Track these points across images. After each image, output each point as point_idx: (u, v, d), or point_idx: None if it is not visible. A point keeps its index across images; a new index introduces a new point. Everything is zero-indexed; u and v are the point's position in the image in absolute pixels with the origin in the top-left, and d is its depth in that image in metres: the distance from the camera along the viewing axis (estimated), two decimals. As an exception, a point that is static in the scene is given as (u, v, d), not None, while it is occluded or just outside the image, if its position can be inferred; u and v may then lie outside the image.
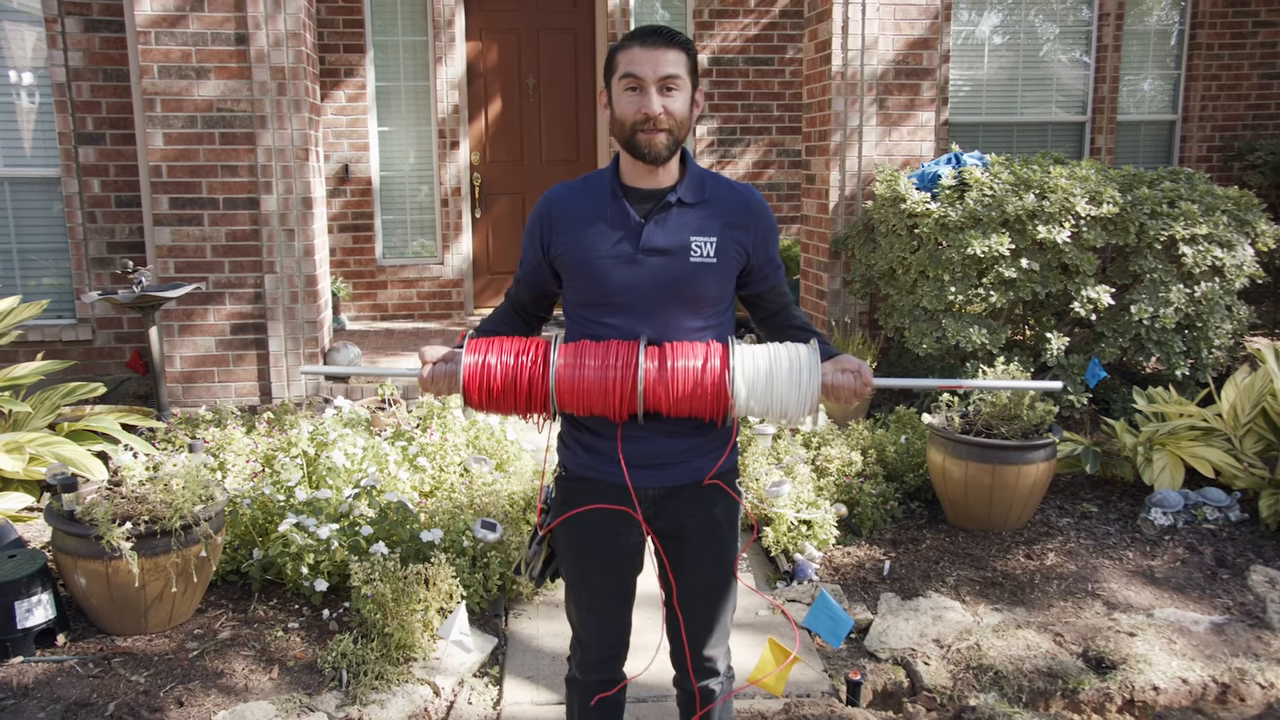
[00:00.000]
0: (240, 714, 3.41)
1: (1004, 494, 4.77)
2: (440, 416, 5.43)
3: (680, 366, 2.26)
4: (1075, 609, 4.20)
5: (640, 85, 2.33)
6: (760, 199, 2.52)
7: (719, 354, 2.28)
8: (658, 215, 2.38)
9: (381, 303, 9.02)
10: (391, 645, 3.69)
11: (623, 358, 2.27)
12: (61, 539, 3.74)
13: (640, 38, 2.35)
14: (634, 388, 2.24)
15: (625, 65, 2.35)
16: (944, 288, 5.72)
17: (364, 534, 4.11)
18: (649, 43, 2.34)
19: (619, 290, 2.37)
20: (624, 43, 2.38)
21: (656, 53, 2.33)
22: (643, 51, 2.33)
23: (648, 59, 2.33)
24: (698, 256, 2.37)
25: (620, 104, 2.37)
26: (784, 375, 2.24)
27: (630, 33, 2.40)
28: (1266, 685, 3.67)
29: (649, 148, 2.34)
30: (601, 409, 2.29)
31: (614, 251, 2.37)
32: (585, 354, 2.29)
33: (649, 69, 2.32)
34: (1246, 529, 4.87)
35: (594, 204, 2.43)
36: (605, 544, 2.51)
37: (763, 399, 2.25)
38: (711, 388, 2.25)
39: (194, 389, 6.46)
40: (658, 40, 2.34)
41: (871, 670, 3.79)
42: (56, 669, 3.61)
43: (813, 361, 2.27)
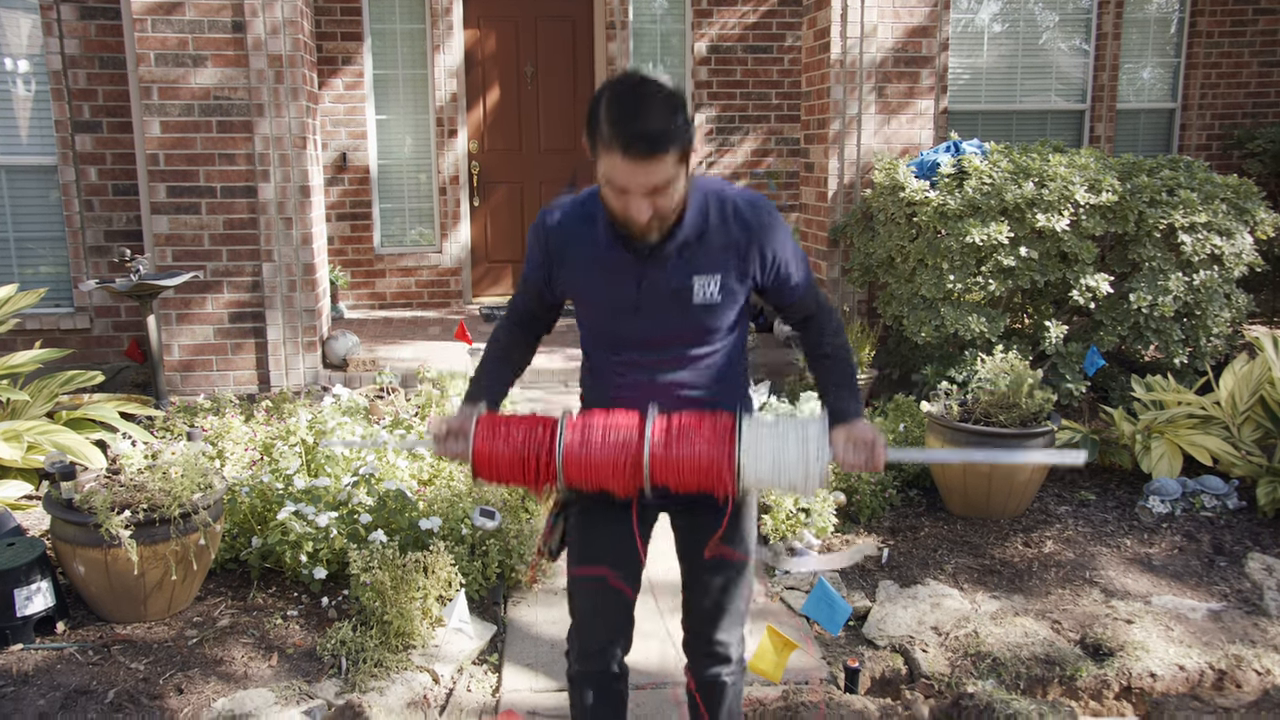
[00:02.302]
0: (240, 701, 3.42)
1: (1002, 482, 4.77)
2: (439, 404, 5.43)
3: (686, 450, 2.24)
4: (1073, 596, 4.21)
5: (625, 192, 2.09)
6: (765, 215, 2.31)
7: (726, 434, 2.24)
8: (658, 257, 2.26)
9: (380, 291, 9.01)
10: (390, 633, 3.69)
11: (629, 440, 2.25)
12: (60, 527, 3.74)
13: (623, 146, 2.01)
14: (640, 469, 2.24)
15: (607, 169, 2.07)
16: (943, 276, 5.72)
17: (363, 522, 4.12)
18: (632, 154, 2.01)
19: (623, 335, 2.38)
20: (605, 138, 2.04)
21: (641, 166, 2.03)
22: (625, 164, 2.03)
23: (630, 173, 2.04)
24: (701, 299, 2.29)
25: (605, 194, 2.15)
26: (792, 457, 2.22)
27: (612, 123, 2.02)
28: (1263, 672, 3.68)
29: (640, 238, 2.21)
30: (609, 488, 2.30)
31: (616, 298, 2.32)
32: (591, 433, 2.27)
33: (634, 183, 2.06)
34: (1244, 517, 4.88)
35: (592, 241, 2.30)
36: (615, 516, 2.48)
37: (769, 477, 2.23)
38: (718, 469, 2.23)
39: (192, 377, 6.45)
40: (642, 151, 2.01)
41: (870, 658, 3.79)
42: (56, 656, 3.62)
43: (821, 444, 2.22)
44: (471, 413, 2.38)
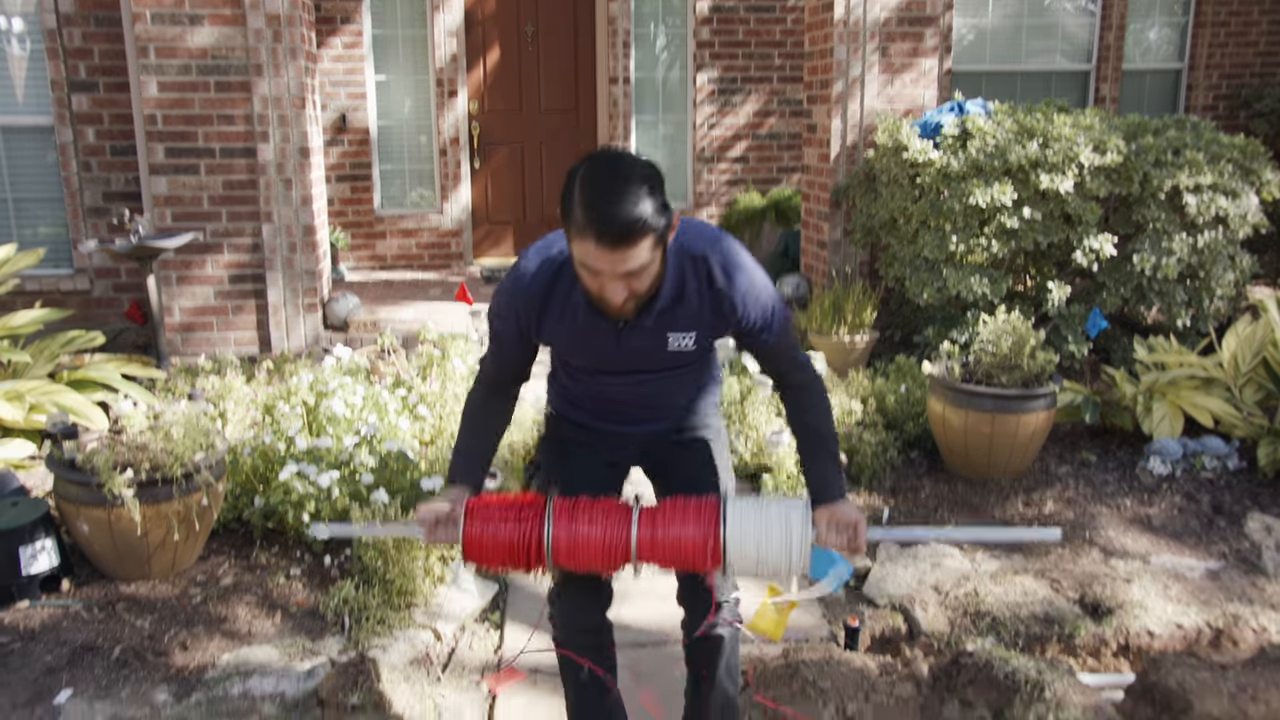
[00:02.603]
0: (244, 658, 3.44)
1: (1004, 442, 4.78)
2: (440, 365, 5.43)
3: (673, 536, 2.28)
4: (1073, 556, 4.23)
5: (599, 274, 2.06)
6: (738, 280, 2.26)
7: (711, 519, 2.27)
8: (635, 323, 2.27)
9: (380, 253, 8.98)
10: (393, 591, 3.71)
11: (616, 531, 2.28)
12: (63, 487, 3.76)
13: (596, 234, 1.97)
14: (627, 556, 2.28)
15: (580, 253, 2.03)
16: (945, 237, 5.69)
17: (365, 482, 4.13)
18: (605, 243, 1.98)
19: (600, 368, 2.44)
20: (578, 222, 1.99)
21: (616, 255, 2.00)
22: (599, 251, 1.99)
23: (604, 260, 2.01)
24: (675, 346, 2.34)
25: (580, 273, 2.11)
26: (776, 543, 2.24)
27: (585, 209, 1.98)
28: (1259, 630, 3.71)
29: (616, 316, 2.20)
30: (597, 569, 2.33)
31: (593, 352, 2.38)
32: (578, 523, 2.29)
33: (608, 269, 2.03)
34: (1244, 477, 4.89)
35: (570, 304, 2.28)
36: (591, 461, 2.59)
37: (753, 562, 2.28)
38: (703, 555, 2.27)
39: (193, 339, 6.45)
40: (616, 240, 1.97)
41: (870, 616, 3.82)
42: (62, 613, 3.64)
43: (805, 528, 2.25)
44: (459, 497, 2.35)
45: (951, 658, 3.18)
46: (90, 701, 3.18)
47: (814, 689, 2.97)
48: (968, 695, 3.00)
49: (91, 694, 3.23)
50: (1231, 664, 3.24)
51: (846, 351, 6.16)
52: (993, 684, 2.99)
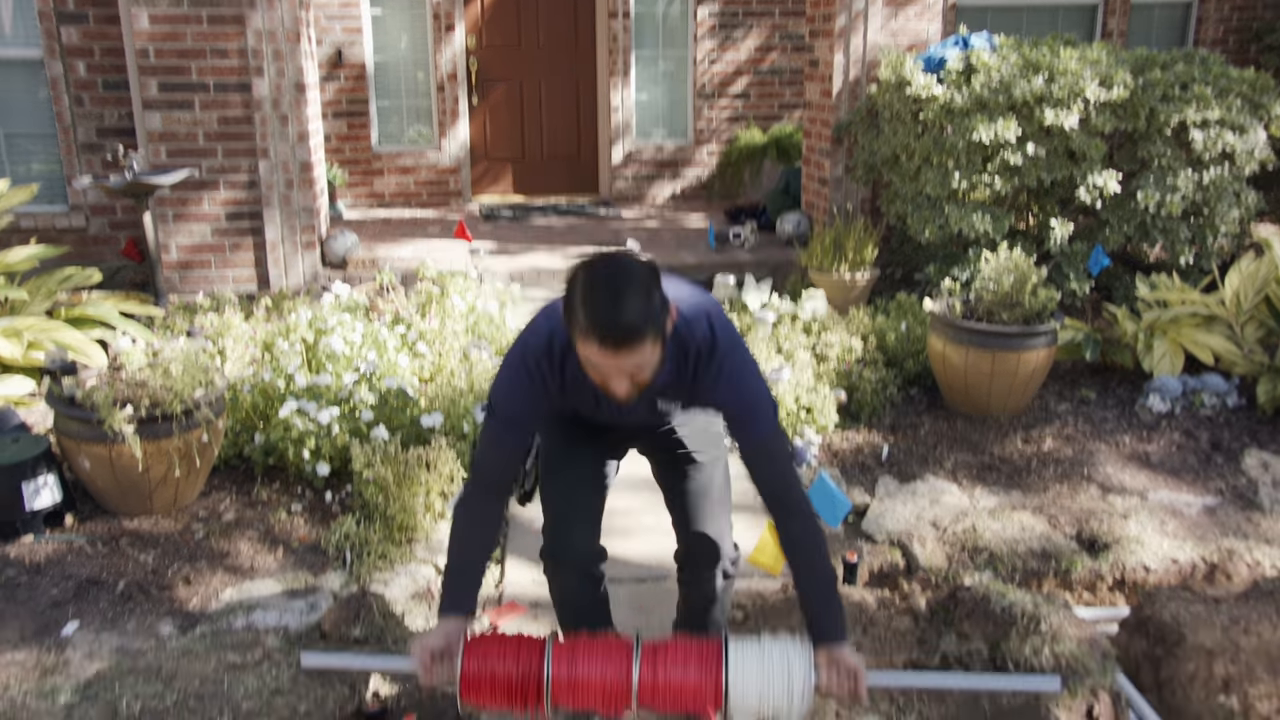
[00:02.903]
0: (247, 592, 3.48)
1: (1003, 380, 4.78)
2: (439, 302, 5.41)
3: (675, 680, 2.26)
4: (1071, 492, 4.25)
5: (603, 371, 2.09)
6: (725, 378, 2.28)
7: (713, 663, 2.26)
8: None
9: (378, 190, 8.91)
10: (393, 527, 3.74)
11: (616, 673, 2.26)
12: (64, 423, 3.76)
13: (599, 338, 2.00)
14: (628, 699, 2.27)
15: (584, 352, 2.07)
16: (948, 174, 5.64)
17: (364, 419, 4.13)
18: (609, 346, 2.01)
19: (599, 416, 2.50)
20: (582, 324, 2.02)
21: (620, 357, 2.03)
22: (603, 353, 2.03)
23: (609, 360, 2.04)
24: (664, 408, 2.45)
25: (584, 364, 2.13)
26: (778, 689, 2.23)
27: (588, 315, 2.01)
28: (1253, 564, 3.74)
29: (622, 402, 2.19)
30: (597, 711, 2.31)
31: (588, 418, 2.51)
32: (579, 662, 2.28)
33: (612, 368, 2.06)
34: (1243, 415, 4.90)
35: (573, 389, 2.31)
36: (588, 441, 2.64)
37: (755, 706, 2.26)
38: (704, 699, 2.26)
39: (191, 277, 6.41)
40: (619, 345, 2.01)
41: (868, 552, 3.84)
42: (66, 548, 3.67)
43: (806, 674, 2.24)
44: (455, 631, 2.29)
45: (949, 592, 3.21)
46: (97, 633, 3.22)
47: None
48: (964, 628, 3.03)
49: (98, 626, 3.26)
50: (1225, 597, 3.28)
51: (847, 289, 6.13)
52: (989, 617, 3.02)
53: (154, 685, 2.82)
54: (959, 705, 2.80)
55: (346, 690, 2.84)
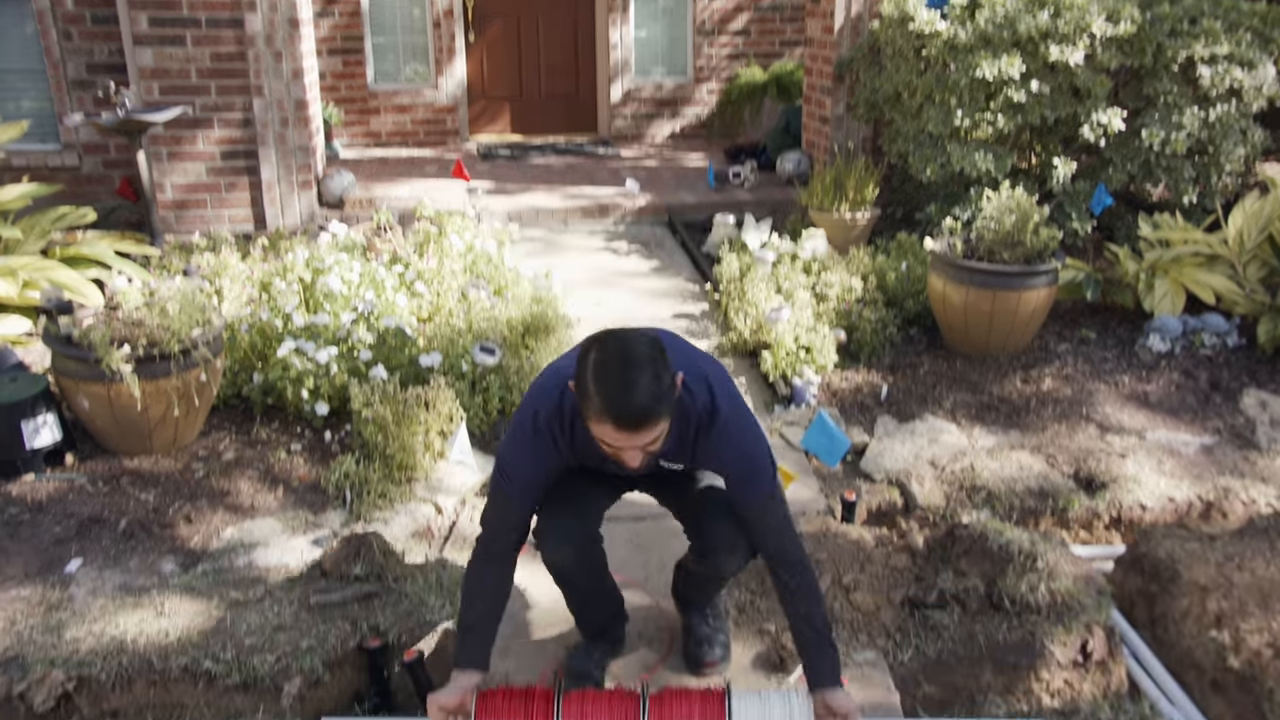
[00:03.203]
0: (248, 530, 3.50)
1: (1004, 320, 4.76)
2: (437, 242, 5.38)
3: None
4: (1069, 432, 4.26)
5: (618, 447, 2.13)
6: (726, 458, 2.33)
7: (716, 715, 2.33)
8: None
9: (375, 129, 8.82)
10: (393, 466, 3.75)
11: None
12: (61, 362, 3.75)
13: (614, 420, 2.05)
14: None
15: (598, 433, 2.11)
16: (950, 112, 5.57)
17: (363, 358, 4.12)
18: (624, 428, 2.06)
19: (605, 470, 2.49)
20: (596, 408, 2.06)
21: (635, 435, 2.08)
22: (618, 434, 2.08)
23: (624, 439, 2.09)
24: (667, 465, 2.44)
25: (598, 440, 2.16)
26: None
27: (603, 399, 2.05)
28: (1249, 502, 3.76)
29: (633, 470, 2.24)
30: None
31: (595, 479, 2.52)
32: (588, 716, 2.35)
33: (627, 445, 2.11)
34: (1243, 354, 4.89)
35: (580, 448, 2.33)
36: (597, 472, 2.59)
37: None
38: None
39: (186, 216, 6.37)
40: (635, 427, 2.06)
41: (867, 490, 3.86)
42: (68, 486, 3.68)
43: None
44: (468, 685, 2.33)
45: (946, 530, 3.23)
46: (100, 570, 3.24)
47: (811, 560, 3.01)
48: (962, 565, 3.05)
49: (100, 564, 3.28)
50: (1220, 535, 3.30)
51: (848, 229, 6.09)
52: (986, 555, 3.04)
53: (158, 621, 2.85)
54: (955, 640, 2.83)
55: (348, 626, 2.87)
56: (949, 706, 2.77)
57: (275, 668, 2.70)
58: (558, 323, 4.76)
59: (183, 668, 2.68)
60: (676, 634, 2.86)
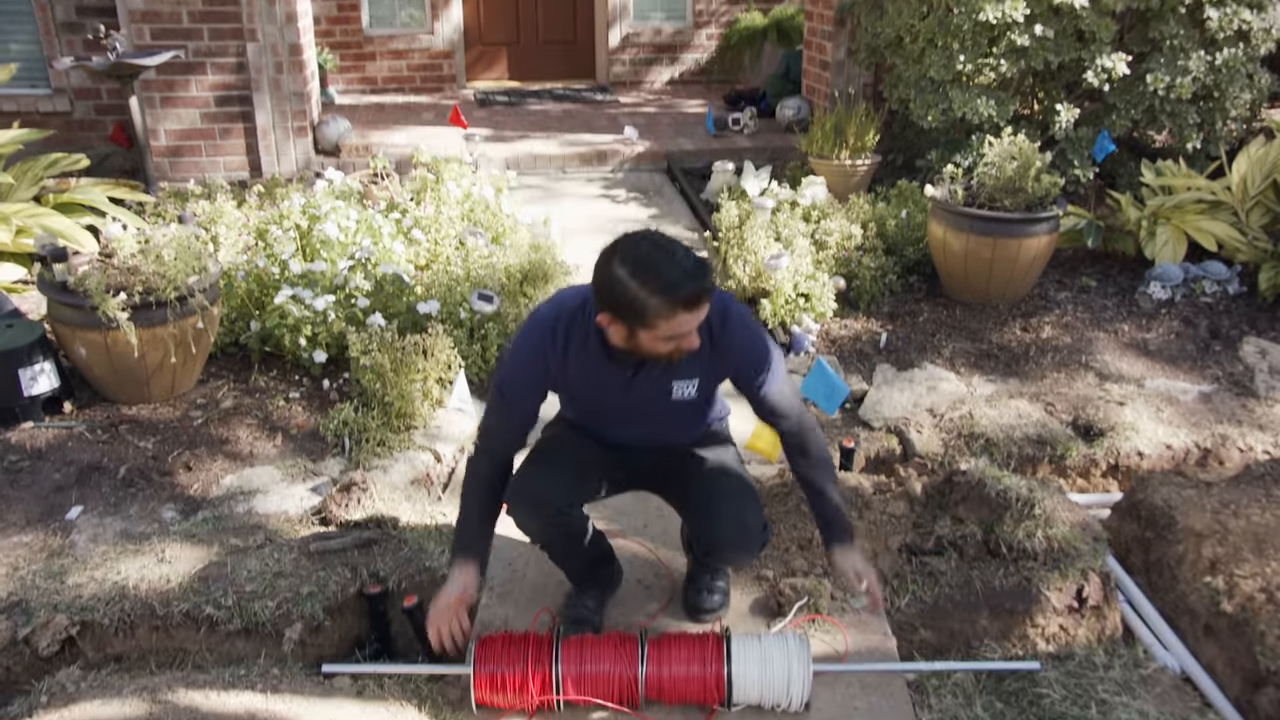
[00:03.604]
0: (247, 478, 3.50)
1: (1004, 267, 4.74)
2: (434, 189, 5.33)
3: (680, 675, 2.38)
4: (1068, 380, 4.26)
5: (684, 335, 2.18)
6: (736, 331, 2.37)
7: (716, 661, 2.38)
8: (644, 370, 2.36)
9: (370, 75, 8.70)
10: (392, 414, 3.74)
11: (622, 669, 2.38)
12: (57, 309, 3.73)
13: (684, 301, 2.11)
14: (635, 694, 2.38)
15: (671, 329, 2.15)
16: (953, 56, 5.49)
17: (360, 306, 4.11)
18: (695, 306, 2.13)
19: (609, 415, 2.50)
20: (663, 302, 2.09)
21: (701, 309, 2.16)
22: (689, 315, 2.14)
23: (693, 320, 2.15)
24: (679, 395, 2.42)
25: (653, 346, 2.20)
26: (778, 681, 2.36)
27: (671, 288, 2.09)
28: (1246, 449, 3.77)
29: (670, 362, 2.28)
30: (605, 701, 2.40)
31: (603, 400, 2.46)
32: (586, 663, 2.39)
33: (693, 325, 2.17)
34: (1243, 302, 4.87)
35: (585, 362, 2.35)
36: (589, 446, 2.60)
37: (755, 698, 2.39)
38: (708, 694, 2.39)
39: (181, 163, 6.31)
40: (701, 299, 2.13)
41: (865, 438, 3.86)
42: (66, 434, 3.68)
43: (805, 663, 2.36)
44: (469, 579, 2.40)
45: (945, 477, 3.23)
46: (100, 517, 3.25)
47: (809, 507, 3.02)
48: (959, 512, 3.06)
49: (101, 511, 3.29)
50: (1217, 482, 3.31)
51: (848, 175, 6.04)
52: (984, 501, 3.05)
53: (159, 568, 2.86)
54: (952, 586, 2.85)
55: (348, 573, 2.88)
56: (945, 651, 2.80)
57: (276, 613, 2.71)
58: (556, 270, 4.73)
59: (184, 613, 2.70)
60: (677, 582, 2.87)
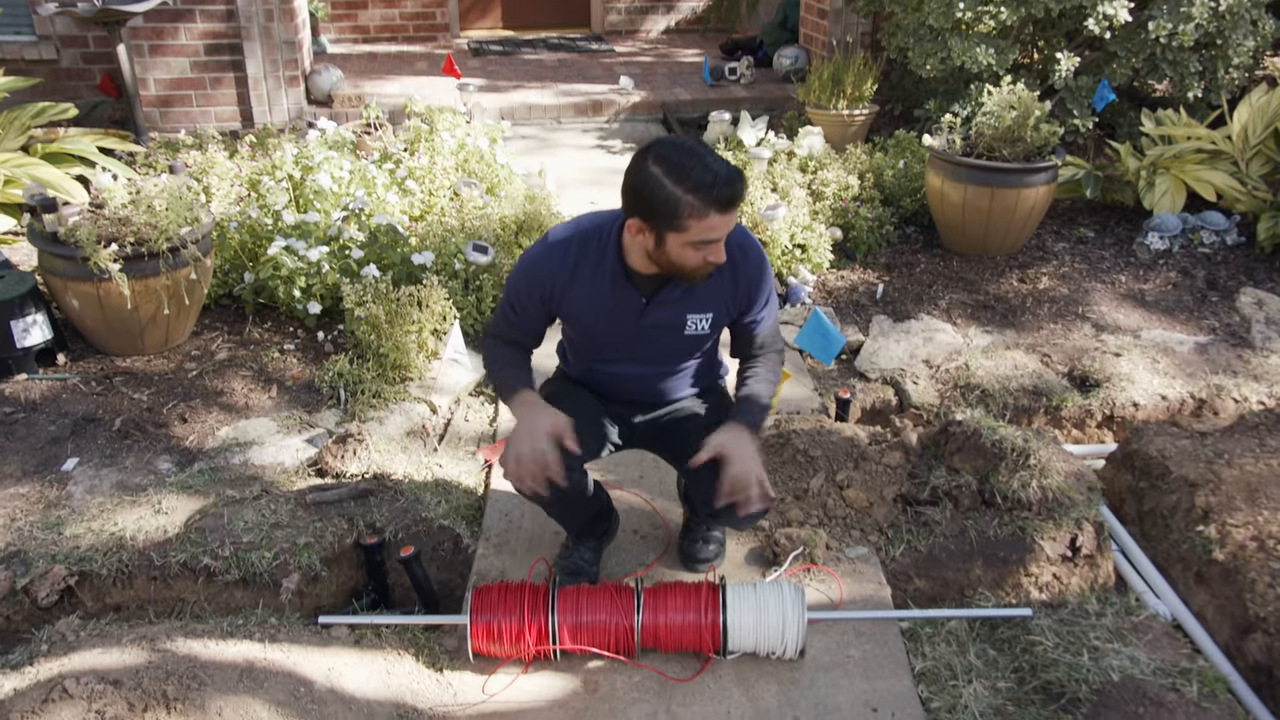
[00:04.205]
0: (243, 430, 3.50)
1: (1001, 217, 4.71)
2: (428, 139, 5.28)
3: (675, 622, 2.40)
4: (1064, 331, 4.25)
5: (716, 241, 2.16)
6: (755, 265, 2.38)
7: (712, 609, 2.39)
8: (661, 296, 2.34)
9: (363, 24, 8.58)
10: (387, 365, 3.73)
11: (619, 618, 2.39)
12: (49, 260, 3.70)
13: (718, 203, 2.09)
14: (631, 642, 2.40)
15: (702, 232, 2.12)
16: (952, 4, 5.42)
17: (354, 257, 4.08)
18: (728, 209, 2.12)
19: (617, 350, 2.47)
20: (698, 205, 2.08)
21: (734, 212, 2.15)
22: (723, 219, 2.13)
23: (727, 222, 2.15)
24: (693, 330, 2.41)
25: (683, 255, 2.18)
26: (772, 627, 2.38)
27: (705, 188, 2.08)
28: (1240, 399, 3.77)
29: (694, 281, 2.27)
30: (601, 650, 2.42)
31: (615, 330, 2.41)
32: (582, 612, 2.40)
33: (725, 229, 2.15)
34: (1241, 252, 4.86)
35: (597, 284, 2.33)
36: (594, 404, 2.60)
37: (750, 645, 2.42)
38: (703, 641, 2.41)
39: (171, 113, 6.24)
40: (735, 201, 2.12)
41: (861, 389, 3.86)
42: (61, 386, 3.67)
43: (799, 615, 2.38)
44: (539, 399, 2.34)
45: (940, 427, 3.23)
46: (96, 469, 3.25)
47: (805, 457, 3.03)
48: (955, 462, 3.07)
49: (97, 463, 3.29)
50: (1211, 432, 3.32)
51: (845, 125, 5.99)
52: (979, 452, 3.05)
53: (156, 519, 2.87)
54: (947, 536, 2.87)
55: (345, 524, 2.89)
56: (940, 600, 2.82)
57: (273, 564, 2.72)
58: (551, 221, 4.70)
59: (182, 564, 2.71)
60: (674, 532, 2.89)
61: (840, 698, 2.37)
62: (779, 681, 2.41)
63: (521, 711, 2.34)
